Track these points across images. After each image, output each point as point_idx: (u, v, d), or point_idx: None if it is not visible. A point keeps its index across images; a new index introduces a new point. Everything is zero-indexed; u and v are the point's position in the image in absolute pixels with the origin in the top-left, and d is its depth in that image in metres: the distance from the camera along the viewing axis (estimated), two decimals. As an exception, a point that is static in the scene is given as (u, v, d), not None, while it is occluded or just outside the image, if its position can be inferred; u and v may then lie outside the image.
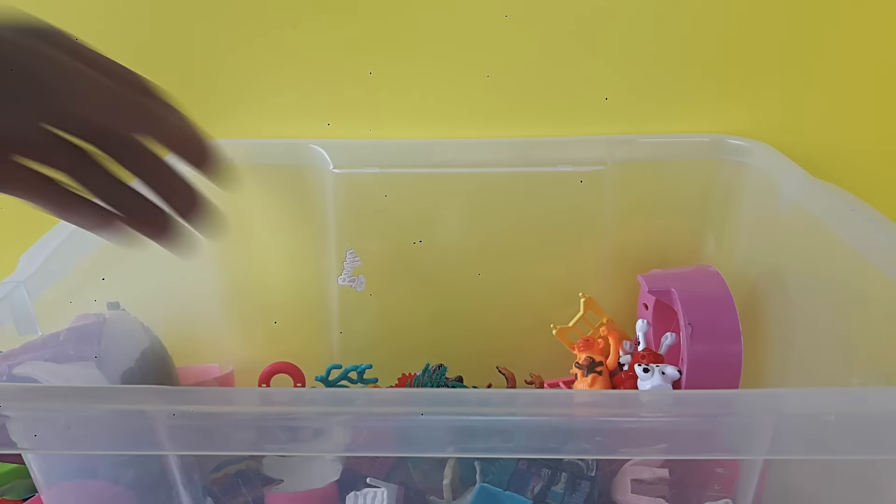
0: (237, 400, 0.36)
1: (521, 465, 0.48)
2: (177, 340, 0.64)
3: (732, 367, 0.55)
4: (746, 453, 0.38)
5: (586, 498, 0.47)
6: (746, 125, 0.67)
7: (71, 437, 0.35)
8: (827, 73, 0.66)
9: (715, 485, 0.46)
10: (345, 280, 0.68)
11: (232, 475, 0.49)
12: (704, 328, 0.54)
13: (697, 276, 0.60)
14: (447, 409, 0.35)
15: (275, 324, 0.71)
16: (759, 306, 0.61)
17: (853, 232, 0.50)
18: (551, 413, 0.35)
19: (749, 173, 0.65)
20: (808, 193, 0.57)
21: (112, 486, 0.47)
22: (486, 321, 0.70)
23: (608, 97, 0.67)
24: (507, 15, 0.64)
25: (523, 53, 0.66)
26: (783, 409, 0.34)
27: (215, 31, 0.66)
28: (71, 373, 0.50)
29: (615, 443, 0.35)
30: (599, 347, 0.59)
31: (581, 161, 0.66)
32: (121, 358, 0.55)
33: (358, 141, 0.68)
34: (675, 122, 0.68)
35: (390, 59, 0.66)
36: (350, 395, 0.37)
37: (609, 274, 0.69)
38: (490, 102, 0.67)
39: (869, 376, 0.47)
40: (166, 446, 0.35)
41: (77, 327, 0.54)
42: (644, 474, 0.46)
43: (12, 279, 0.51)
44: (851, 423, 0.34)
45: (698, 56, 0.66)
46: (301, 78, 0.67)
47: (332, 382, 0.63)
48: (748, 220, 0.65)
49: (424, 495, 0.49)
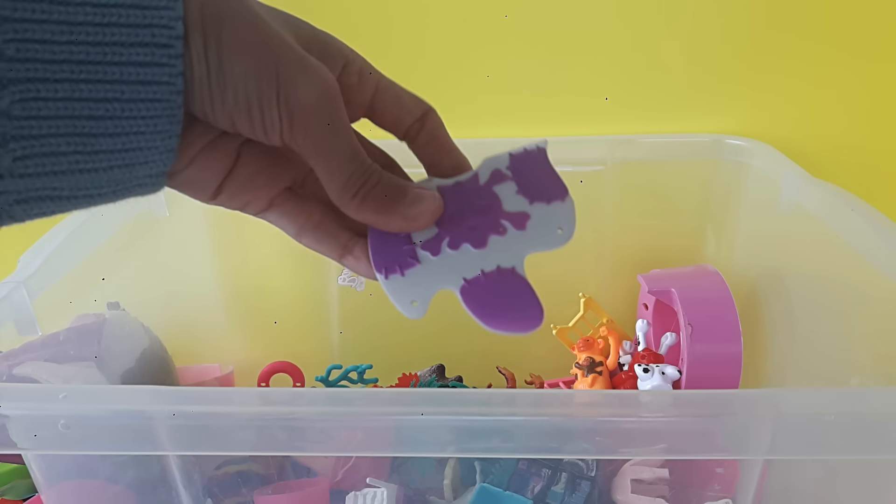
0: (237, 400, 0.36)
1: (521, 465, 0.48)
2: (177, 340, 0.64)
3: (732, 367, 0.55)
4: (746, 453, 0.38)
5: (586, 498, 0.47)
6: (746, 125, 0.67)
7: (71, 437, 0.35)
8: (827, 73, 0.66)
9: (715, 485, 0.46)
10: (345, 280, 0.68)
11: (232, 474, 0.49)
12: (704, 328, 0.54)
13: (697, 276, 0.60)
14: (447, 409, 0.35)
15: (275, 324, 0.71)
16: (759, 306, 0.61)
17: (853, 232, 0.50)
18: (551, 413, 0.35)
19: (749, 173, 0.65)
20: (808, 193, 0.57)
21: (112, 486, 0.47)
22: (486, 321, 0.70)
23: (608, 97, 0.67)
24: (507, 15, 0.64)
25: (523, 53, 0.66)
26: (783, 409, 0.34)
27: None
28: (71, 373, 0.50)
29: (615, 443, 0.35)
30: (599, 347, 0.59)
31: (581, 161, 0.66)
32: (121, 358, 0.55)
33: (358, 141, 0.67)
34: (675, 122, 0.68)
35: (390, 59, 0.66)
36: (350, 395, 0.37)
37: (609, 274, 0.69)
38: (490, 102, 0.67)
39: (869, 376, 0.47)
40: (166, 446, 0.35)
41: (77, 327, 0.54)
42: (644, 474, 0.46)
43: (12, 279, 0.51)
44: (851, 423, 0.34)
45: (698, 56, 0.66)
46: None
47: (333, 382, 0.63)
48: (748, 220, 0.65)
49: (424, 495, 0.49)
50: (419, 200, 0.32)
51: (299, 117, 0.28)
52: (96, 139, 0.26)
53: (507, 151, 0.36)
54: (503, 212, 0.34)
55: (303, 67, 0.28)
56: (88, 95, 0.25)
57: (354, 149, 0.30)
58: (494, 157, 0.36)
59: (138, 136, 0.26)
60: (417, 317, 0.32)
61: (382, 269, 0.33)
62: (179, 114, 0.27)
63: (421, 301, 0.32)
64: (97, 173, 0.26)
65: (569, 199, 0.35)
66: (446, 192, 0.34)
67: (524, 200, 0.34)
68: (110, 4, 0.25)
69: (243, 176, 0.31)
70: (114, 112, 0.26)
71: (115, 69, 0.25)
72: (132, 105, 0.26)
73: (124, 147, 0.26)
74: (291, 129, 0.28)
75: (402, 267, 0.33)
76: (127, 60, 0.25)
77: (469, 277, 0.33)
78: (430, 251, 0.33)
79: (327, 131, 0.29)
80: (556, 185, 0.35)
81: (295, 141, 0.29)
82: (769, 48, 0.65)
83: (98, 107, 0.25)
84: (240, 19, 0.27)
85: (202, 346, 0.69)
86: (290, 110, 0.28)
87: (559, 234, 0.34)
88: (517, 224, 0.34)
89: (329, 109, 0.29)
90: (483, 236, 0.33)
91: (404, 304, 0.32)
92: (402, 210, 0.32)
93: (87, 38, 0.25)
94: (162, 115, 0.26)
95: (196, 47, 0.26)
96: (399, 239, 0.33)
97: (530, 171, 0.35)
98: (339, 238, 0.34)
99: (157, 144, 0.27)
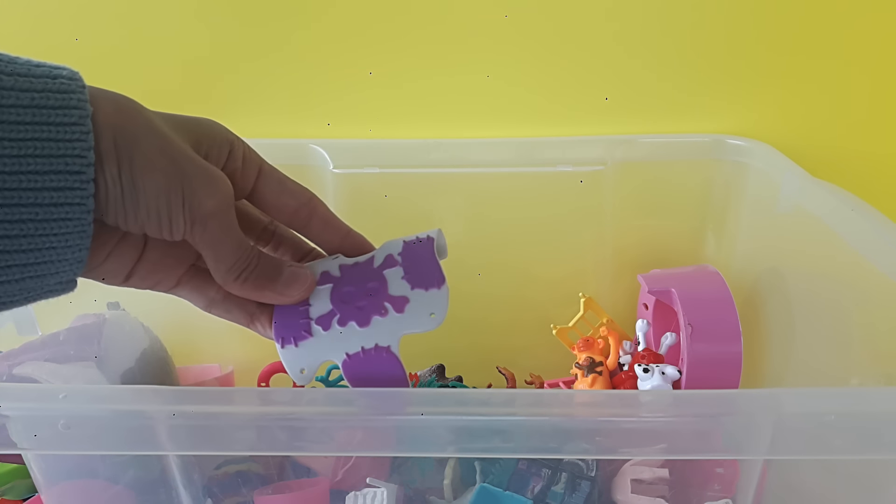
0: (237, 400, 0.36)
1: (521, 465, 0.48)
2: (177, 340, 0.64)
3: (732, 367, 0.55)
4: (746, 453, 0.38)
5: (586, 498, 0.47)
6: (746, 125, 0.67)
7: (71, 437, 0.35)
8: (827, 73, 0.66)
9: (715, 485, 0.46)
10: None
11: (232, 474, 0.49)
12: (704, 328, 0.54)
13: (697, 276, 0.60)
14: (447, 409, 0.35)
15: (275, 324, 0.71)
16: (759, 306, 0.61)
17: (853, 232, 0.50)
18: (551, 413, 0.35)
19: (749, 173, 0.65)
20: (808, 193, 0.57)
21: (112, 486, 0.47)
22: (486, 321, 0.70)
23: (608, 97, 0.67)
24: (507, 15, 0.64)
25: (523, 53, 0.66)
26: (783, 409, 0.34)
27: (215, 31, 0.66)
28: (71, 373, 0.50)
29: (615, 443, 0.35)
30: (599, 347, 0.59)
31: (581, 161, 0.66)
32: (121, 358, 0.55)
33: (358, 141, 0.68)
34: (675, 122, 0.68)
35: (390, 59, 0.66)
36: (350, 395, 0.37)
37: (609, 274, 0.69)
38: (490, 102, 0.67)
39: (869, 376, 0.47)
40: (166, 446, 0.35)
41: (77, 327, 0.54)
42: (644, 474, 0.46)
43: (12, 279, 0.51)
44: (851, 423, 0.34)
45: (698, 56, 0.66)
46: (301, 78, 0.67)
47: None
48: (748, 220, 0.65)
49: (424, 495, 0.49)
50: (293, 279, 0.37)
51: (200, 221, 0.33)
52: (10, 255, 0.28)
53: (402, 239, 0.40)
54: (388, 295, 0.38)
55: (205, 179, 0.32)
56: (4, 217, 0.28)
57: (240, 240, 0.35)
58: (391, 243, 0.40)
59: (50, 250, 0.29)
60: (305, 383, 0.37)
61: (280, 340, 0.38)
62: (89, 229, 0.30)
63: (308, 369, 0.38)
64: (10, 284, 0.29)
65: (444, 287, 0.38)
66: (346, 270, 0.39)
67: (407, 286, 0.38)
68: (27, 139, 0.28)
69: (151, 260, 0.36)
70: (28, 231, 0.28)
71: (31, 194, 0.28)
72: (45, 224, 0.29)
73: (37, 261, 0.29)
74: (192, 230, 0.33)
75: (297, 339, 0.37)
76: (42, 186, 0.28)
77: (351, 353, 0.37)
78: (321, 326, 0.38)
79: (221, 230, 0.34)
80: (436, 273, 0.39)
81: (193, 238, 0.33)
82: (769, 48, 0.65)
83: (13, 227, 0.28)
84: (148, 143, 0.31)
85: (202, 346, 0.69)
86: (194, 217, 0.32)
87: (431, 318, 0.38)
88: (397, 307, 0.38)
89: (225, 212, 0.33)
90: (368, 316, 0.38)
91: (294, 371, 0.37)
92: (277, 288, 0.37)
93: (5, 168, 0.27)
94: (73, 231, 0.30)
95: (111, 172, 0.30)
96: (298, 313, 0.38)
97: (417, 258, 0.39)
98: (247, 308, 0.39)
99: (68, 257, 0.30)
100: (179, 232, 0.32)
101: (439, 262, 0.39)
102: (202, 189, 0.32)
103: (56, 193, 0.29)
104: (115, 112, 0.31)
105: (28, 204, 0.28)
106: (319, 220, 0.39)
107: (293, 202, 0.38)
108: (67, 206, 0.29)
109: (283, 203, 0.38)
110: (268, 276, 0.36)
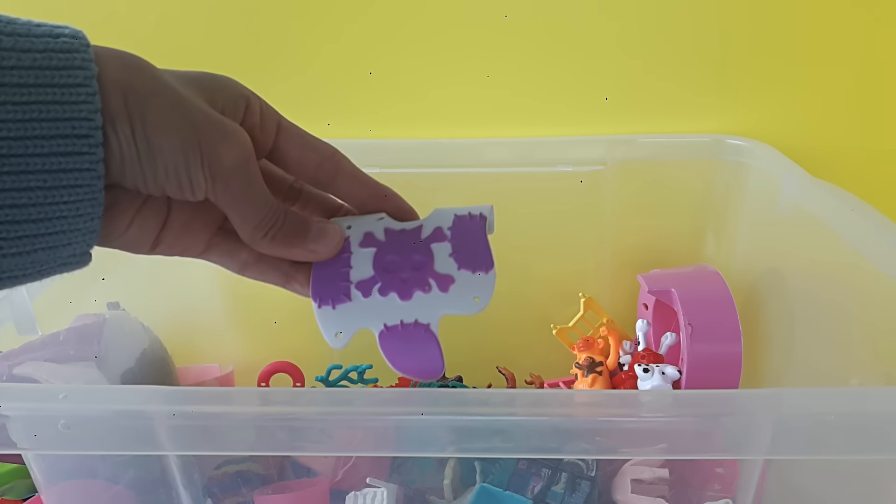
0: (237, 400, 0.36)
1: (521, 465, 0.48)
2: (177, 340, 0.65)
3: (732, 367, 0.55)
4: (746, 453, 0.38)
5: (586, 498, 0.47)
6: (746, 125, 0.67)
7: (71, 437, 0.35)
8: (827, 73, 0.66)
9: (715, 485, 0.46)
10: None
11: (232, 474, 0.49)
12: (704, 328, 0.54)
13: (697, 276, 0.60)
14: (447, 409, 0.35)
15: (275, 324, 0.71)
16: (759, 306, 0.61)
17: (853, 232, 0.50)
18: (551, 413, 0.35)
19: (749, 173, 0.65)
20: (808, 193, 0.57)
21: (112, 486, 0.47)
22: (486, 321, 0.70)
23: (608, 97, 0.67)
24: (507, 15, 0.64)
25: (523, 53, 0.66)
26: (783, 409, 0.34)
27: (215, 31, 0.66)
28: (71, 373, 0.50)
29: (615, 443, 0.35)
30: (599, 347, 0.59)
31: (581, 161, 0.66)
32: (121, 358, 0.55)
33: (358, 141, 0.68)
34: (675, 122, 0.68)
35: (390, 59, 0.66)
36: (350, 395, 0.37)
37: (609, 274, 0.69)
38: (490, 102, 0.67)
39: (869, 376, 0.47)
40: (166, 446, 0.35)
41: (77, 327, 0.54)
42: (644, 474, 0.46)
43: (12, 279, 0.51)
44: (851, 423, 0.34)
45: (698, 56, 0.66)
46: (301, 78, 0.67)
47: (333, 382, 0.63)
48: (748, 220, 0.65)
49: (424, 495, 0.49)
50: (322, 235, 0.36)
51: (221, 178, 0.31)
52: (20, 226, 0.27)
53: (454, 211, 0.39)
54: (433, 271, 0.37)
55: (222, 134, 0.31)
56: (12, 186, 0.27)
57: (265, 196, 0.33)
58: (442, 212, 0.39)
59: (61, 220, 0.28)
60: (340, 347, 0.36)
61: (318, 299, 0.37)
62: (100, 196, 0.29)
63: (345, 333, 0.36)
64: (21, 257, 0.28)
65: (492, 272, 0.37)
66: (391, 235, 0.38)
67: (454, 264, 0.37)
68: (32, 102, 0.27)
69: (177, 225, 0.34)
70: (37, 199, 0.27)
71: (38, 160, 0.27)
72: (55, 192, 0.28)
73: (48, 231, 0.28)
74: (214, 188, 0.31)
75: (335, 301, 0.36)
76: (49, 151, 0.27)
77: (389, 324, 0.36)
78: (361, 292, 0.36)
79: (244, 185, 0.32)
80: (485, 256, 0.38)
81: (216, 196, 0.32)
82: (769, 48, 0.65)
83: (21, 195, 0.27)
84: (160, 99, 0.30)
85: (202, 346, 0.69)
86: (214, 173, 0.31)
87: (475, 302, 0.37)
88: (442, 286, 0.37)
89: (246, 167, 0.32)
90: (410, 290, 0.36)
91: (329, 334, 0.36)
92: (307, 245, 0.36)
93: (10, 134, 0.26)
94: (84, 199, 0.29)
95: (124, 133, 0.29)
96: (339, 274, 0.37)
97: (467, 236, 0.38)
98: (281, 267, 0.37)
99: (80, 227, 0.29)
100: (201, 190, 0.31)
101: (489, 244, 0.38)
102: (220, 144, 0.31)
103: (64, 159, 0.28)
104: (123, 70, 0.29)
105: (35, 171, 0.27)
106: (345, 175, 0.37)
107: (316, 156, 0.36)
108: (76, 172, 0.28)
109: (306, 158, 0.36)
110: (296, 233, 0.35)
